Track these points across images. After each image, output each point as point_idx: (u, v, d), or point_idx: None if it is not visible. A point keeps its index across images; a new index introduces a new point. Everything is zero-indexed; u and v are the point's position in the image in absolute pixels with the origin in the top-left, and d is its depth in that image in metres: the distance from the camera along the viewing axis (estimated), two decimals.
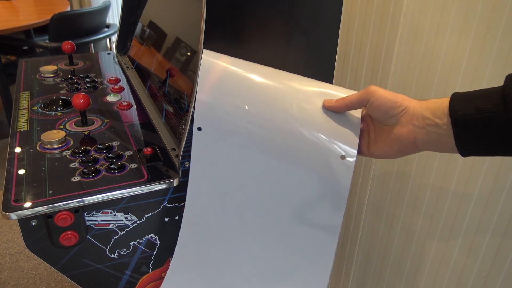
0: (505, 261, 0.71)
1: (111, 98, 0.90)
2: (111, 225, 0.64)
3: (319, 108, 0.57)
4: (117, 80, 1.00)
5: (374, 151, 0.54)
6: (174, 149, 0.71)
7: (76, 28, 1.98)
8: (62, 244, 0.61)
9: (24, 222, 0.58)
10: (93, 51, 2.13)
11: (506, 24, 0.63)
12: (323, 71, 0.69)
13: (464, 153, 0.46)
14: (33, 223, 0.59)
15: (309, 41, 0.65)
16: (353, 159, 0.55)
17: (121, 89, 0.95)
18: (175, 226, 0.70)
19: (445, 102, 0.46)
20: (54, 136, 0.71)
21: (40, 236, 0.60)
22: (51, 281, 1.45)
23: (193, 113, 0.57)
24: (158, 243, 0.70)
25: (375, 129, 0.54)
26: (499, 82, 0.66)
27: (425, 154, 0.82)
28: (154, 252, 0.71)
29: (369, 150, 0.55)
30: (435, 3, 0.73)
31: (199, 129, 0.58)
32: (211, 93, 0.57)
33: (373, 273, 1.04)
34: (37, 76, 1.02)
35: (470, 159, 0.72)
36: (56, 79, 1.01)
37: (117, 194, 0.61)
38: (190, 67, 0.74)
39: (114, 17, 2.53)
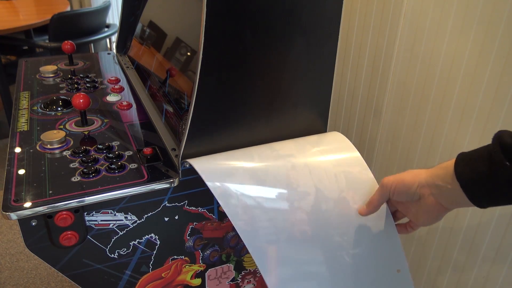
0: (505, 261, 0.71)
1: (111, 98, 0.90)
2: (111, 225, 0.64)
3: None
4: (117, 80, 1.00)
5: (419, 223, 0.60)
6: (174, 149, 0.71)
7: (76, 28, 1.98)
8: (62, 244, 0.61)
9: (24, 222, 0.58)
10: (93, 51, 2.13)
11: (506, 24, 0.63)
12: (323, 71, 0.69)
13: (483, 207, 0.49)
14: (33, 223, 0.59)
15: (309, 41, 0.65)
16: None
17: (121, 89, 0.95)
18: (175, 226, 0.70)
19: (450, 167, 0.50)
20: (54, 136, 0.71)
21: (40, 236, 0.60)
22: (51, 281, 1.45)
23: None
24: (158, 243, 0.70)
25: (409, 209, 0.60)
26: (499, 82, 0.66)
27: (424, 154, 0.82)
28: (154, 252, 0.71)
29: (416, 224, 0.61)
30: (435, 3, 0.73)
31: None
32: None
33: None
34: (37, 76, 1.02)
35: None
36: (56, 79, 1.01)
37: (117, 194, 0.61)
38: (190, 67, 0.74)
39: (114, 17, 2.53)
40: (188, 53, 0.76)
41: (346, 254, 0.64)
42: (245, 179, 0.64)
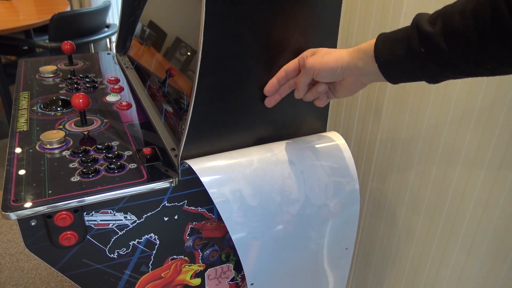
0: (505, 261, 0.71)
1: (110, 98, 0.90)
2: (111, 225, 0.64)
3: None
4: (117, 80, 1.00)
5: (339, 95, 0.64)
6: (173, 149, 0.71)
7: (76, 28, 1.98)
8: (62, 244, 0.61)
9: (23, 222, 0.58)
10: (93, 51, 2.13)
11: None
12: None
13: (395, 83, 0.55)
14: (33, 223, 0.59)
15: (309, 41, 0.65)
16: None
17: (121, 89, 0.95)
18: (175, 226, 0.70)
19: (370, 49, 0.54)
20: (53, 136, 0.71)
21: (40, 236, 0.60)
22: (51, 281, 1.45)
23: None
24: (158, 242, 0.70)
25: (332, 87, 0.64)
26: (499, 82, 0.66)
27: (425, 154, 0.82)
28: (154, 252, 0.71)
29: (335, 96, 0.65)
30: (435, 3, 0.73)
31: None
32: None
33: (373, 273, 1.04)
34: (36, 76, 1.02)
35: (470, 159, 0.72)
36: (55, 79, 1.01)
37: (117, 194, 0.61)
38: (189, 67, 0.74)
39: (114, 17, 2.53)
40: (188, 53, 0.76)
41: (313, 243, 0.77)
42: (242, 184, 0.66)
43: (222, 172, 0.66)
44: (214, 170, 0.65)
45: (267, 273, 0.75)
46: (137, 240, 0.68)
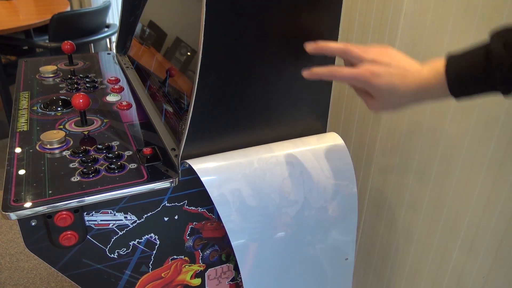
0: (505, 261, 0.71)
1: (111, 98, 0.90)
2: (111, 225, 0.64)
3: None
4: (117, 80, 1.00)
5: (378, 108, 0.59)
6: (173, 149, 0.71)
7: (76, 28, 1.98)
8: (62, 244, 0.61)
9: (24, 222, 0.58)
10: (93, 51, 2.13)
11: (506, 24, 0.63)
12: None
13: (458, 96, 0.51)
14: (33, 223, 0.59)
15: (309, 41, 0.65)
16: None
17: (121, 89, 0.95)
18: (175, 226, 0.70)
19: (441, 74, 0.51)
20: (53, 136, 0.71)
21: (40, 236, 0.60)
22: (51, 281, 1.45)
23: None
24: (158, 242, 0.70)
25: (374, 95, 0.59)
26: None
27: (425, 154, 0.82)
28: (154, 252, 0.71)
29: (373, 107, 0.59)
30: (435, 3, 0.73)
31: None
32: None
33: (373, 273, 1.04)
34: (37, 76, 1.02)
35: (470, 159, 0.72)
36: (56, 79, 1.01)
37: (117, 194, 0.61)
38: (189, 67, 0.74)
39: (114, 17, 2.53)
40: (188, 53, 0.76)
41: (312, 248, 0.76)
42: (242, 184, 0.66)
43: (222, 172, 0.66)
44: (214, 170, 0.65)
45: (265, 280, 0.74)
46: (137, 240, 0.68)
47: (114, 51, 1.19)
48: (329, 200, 0.74)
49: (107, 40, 2.27)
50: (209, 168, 0.65)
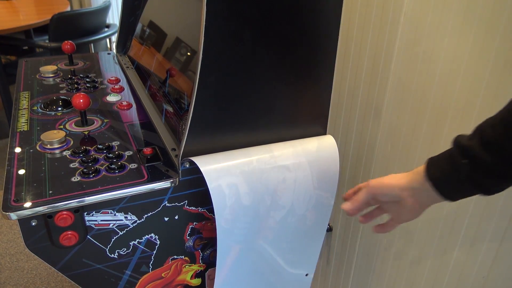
0: (505, 261, 0.71)
1: (111, 98, 0.90)
2: (111, 225, 0.64)
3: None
4: (117, 80, 1.00)
5: (402, 219, 0.66)
6: (174, 149, 0.71)
7: (76, 28, 1.98)
8: (62, 244, 0.61)
9: (24, 222, 0.58)
10: (93, 51, 2.13)
11: (506, 24, 0.63)
12: (323, 71, 0.69)
13: (454, 200, 0.57)
14: (33, 223, 0.59)
15: (309, 41, 0.65)
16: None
17: (121, 89, 0.95)
18: (175, 226, 0.70)
19: (422, 171, 0.58)
20: (54, 136, 0.71)
21: (40, 236, 0.60)
22: (51, 281, 1.45)
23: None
24: (158, 242, 0.70)
25: (392, 207, 0.66)
26: (498, 82, 0.66)
27: (425, 153, 0.82)
28: (154, 252, 0.71)
29: (399, 221, 0.67)
30: (435, 3, 0.73)
31: None
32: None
33: (373, 273, 1.04)
34: (37, 76, 1.02)
35: None
36: (56, 79, 1.01)
37: (117, 194, 0.61)
38: (190, 67, 0.74)
39: (114, 17, 2.53)
40: (188, 53, 0.76)
41: (281, 258, 0.77)
42: (240, 179, 0.67)
43: (222, 165, 0.66)
44: (213, 162, 0.66)
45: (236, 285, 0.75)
46: (137, 240, 0.68)
47: (114, 51, 1.19)
48: (310, 209, 0.75)
49: (107, 40, 2.28)
50: (208, 160, 0.65)
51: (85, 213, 0.62)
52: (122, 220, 0.65)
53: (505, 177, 0.50)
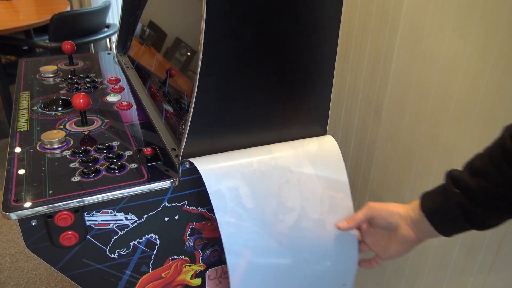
0: (505, 261, 0.71)
1: (111, 98, 0.90)
2: (111, 225, 0.64)
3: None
4: (117, 80, 1.00)
5: (388, 255, 0.67)
6: (174, 149, 0.71)
7: (76, 28, 1.98)
8: (62, 244, 0.61)
9: (24, 222, 0.58)
10: (93, 51, 2.13)
11: (506, 24, 0.63)
12: (323, 71, 0.69)
13: (446, 235, 0.59)
14: (33, 223, 0.59)
15: (309, 41, 0.65)
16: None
17: (121, 89, 0.95)
18: (175, 226, 0.70)
19: (418, 202, 0.60)
20: (54, 136, 0.71)
21: (40, 236, 0.60)
22: (51, 281, 1.45)
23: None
24: (158, 242, 0.70)
25: (380, 240, 0.67)
26: (499, 82, 0.66)
27: (424, 153, 0.82)
28: (154, 252, 0.71)
29: (386, 254, 0.67)
30: (435, 3, 0.73)
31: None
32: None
33: (373, 273, 1.04)
34: (37, 76, 1.02)
35: None
36: (56, 79, 1.01)
37: (117, 194, 0.61)
38: (190, 67, 0.74)
39: (114, 17, 2.53)
40: (188, 53, 0.76)
41: (309, 268, 0.72)
42: (240, 182, 0.66)
43: (221, 168, 0.66)
44: (213, 164, 0.65)
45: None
46: (137, 240, 0.68)
47: (114, 51, 1.19)
48: (325, 212, 0.72)
49: (107, 40, 2.27)
50: (207, 161, 0.65)
51: (85, 213, 0.62)
52: (122, 220, 0.65)
53: (493, 207, 0.52)
